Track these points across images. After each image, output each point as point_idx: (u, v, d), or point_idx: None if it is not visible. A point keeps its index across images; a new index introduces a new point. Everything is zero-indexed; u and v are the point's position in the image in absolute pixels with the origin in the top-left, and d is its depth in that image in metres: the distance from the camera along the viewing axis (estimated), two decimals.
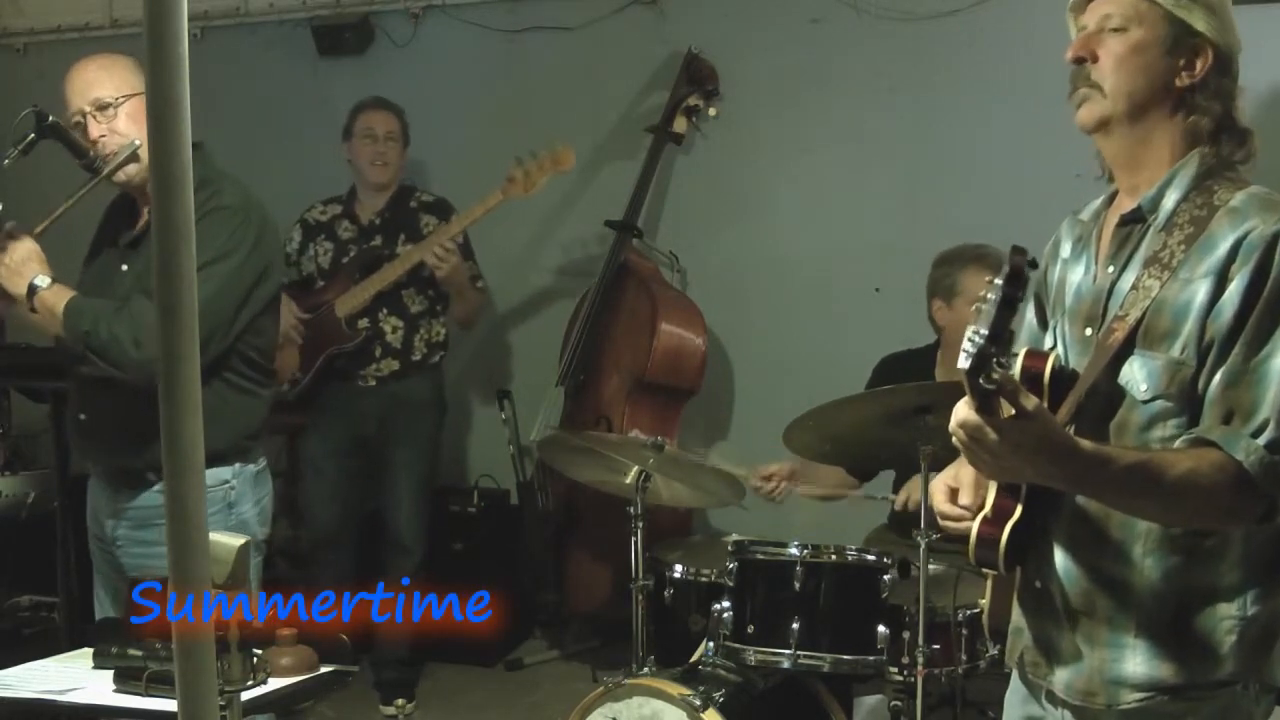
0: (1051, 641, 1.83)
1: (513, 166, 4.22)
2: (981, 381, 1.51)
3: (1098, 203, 1.92)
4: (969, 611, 2.90)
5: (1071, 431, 1.72)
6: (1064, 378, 1.79)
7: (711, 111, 4.66)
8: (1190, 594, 1.72)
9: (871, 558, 2.87)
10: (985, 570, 1.89)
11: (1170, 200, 1.75)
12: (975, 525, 1.80)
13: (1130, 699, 1.74)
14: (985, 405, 1.55)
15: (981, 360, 1.50)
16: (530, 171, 4.22)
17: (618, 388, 4.50)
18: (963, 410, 1.59)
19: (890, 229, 4.47)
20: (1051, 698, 1.84)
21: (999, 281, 1.51)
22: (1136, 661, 1.73)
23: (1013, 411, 1.55)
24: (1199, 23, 1.74)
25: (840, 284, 4.60)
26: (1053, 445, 1.59)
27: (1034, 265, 1.55)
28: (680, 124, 4.65)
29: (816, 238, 4.63)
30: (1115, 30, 1.76)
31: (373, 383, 4.31)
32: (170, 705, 1.28)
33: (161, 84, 0.97)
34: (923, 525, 2.75)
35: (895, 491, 3.58)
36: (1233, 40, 1.78)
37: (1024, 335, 2.08)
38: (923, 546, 2.73)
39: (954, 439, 1.64)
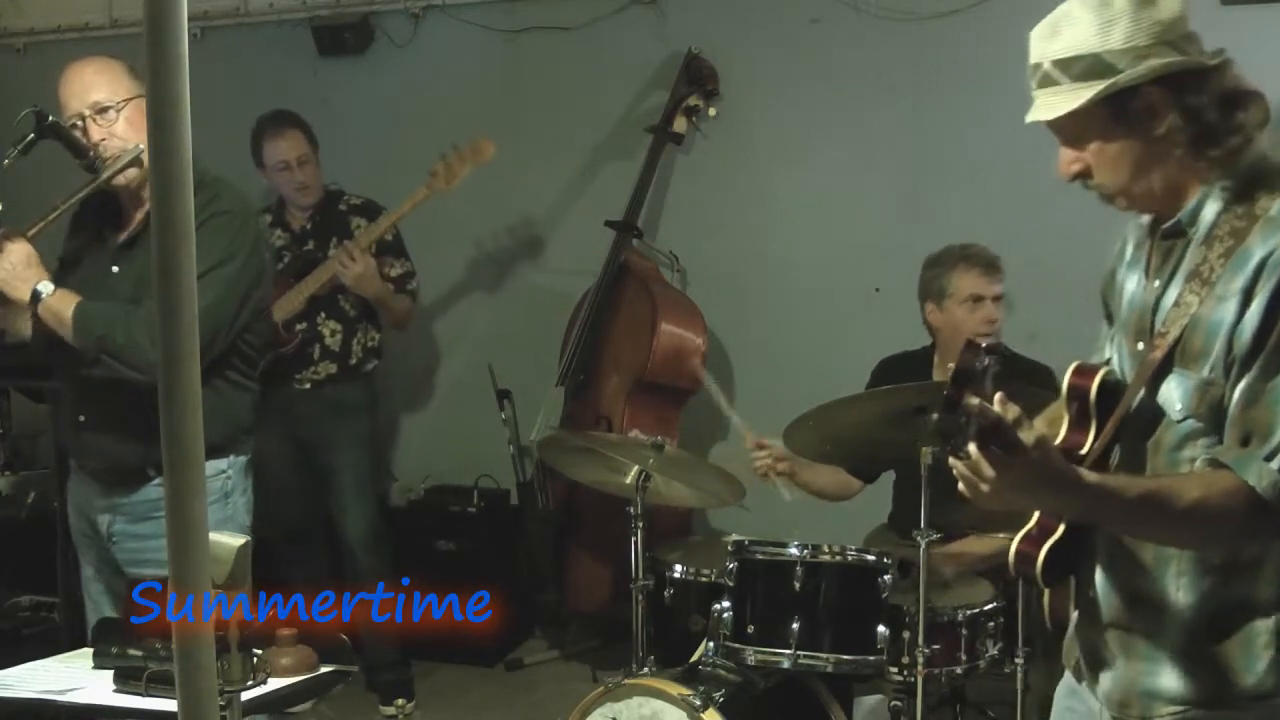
0: (1095, 649, 1.84)
1: (435, 162, 4.25)
2: (949, 445, 1.53)
3: None
4: (969, 611, 2.90)
5: (1116, 451, 1.72)
6: (1113, 393, 1.77)
7: (711, 111, 4.66)
8: (1226, 610, 1.70)
9: (871, 558, 2.87)
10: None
11: (1210, 212, 1.70)
12: (1015, 541, 1.79)
13: (1164, 712, 1.74)
14: (982, 440, 1.53)
15: (946, 427, 1.52)
16: (451, 165, 4.24)
17: (618, 388, 4.50)
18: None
19: (890, 229, 4.47)
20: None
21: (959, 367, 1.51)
22: (1172, 676, 1.73)
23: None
24: (1123, 77, 1.65)
25: (840, 284, 4.59)
26: (1053, 479, 1.58)
27: (992, 352, 1.54)
28: (680, 124, 4.65)
29: (816, 238, 4.63)
30: (1077, 146, 1.74)
31: (308, 386, 4.33)
32: (170, 705, 1.27)
33: (161, 84, 0.97)
34: (923, 525, 2.75)
35: (895, 491, 3.59)
36: (1164, 49, 1.66)
37: (1102, 339, 2.03)
38: (923, 546, 2.74)
39: (954, 471, 1.62)
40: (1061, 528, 1.77)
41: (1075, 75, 1.68)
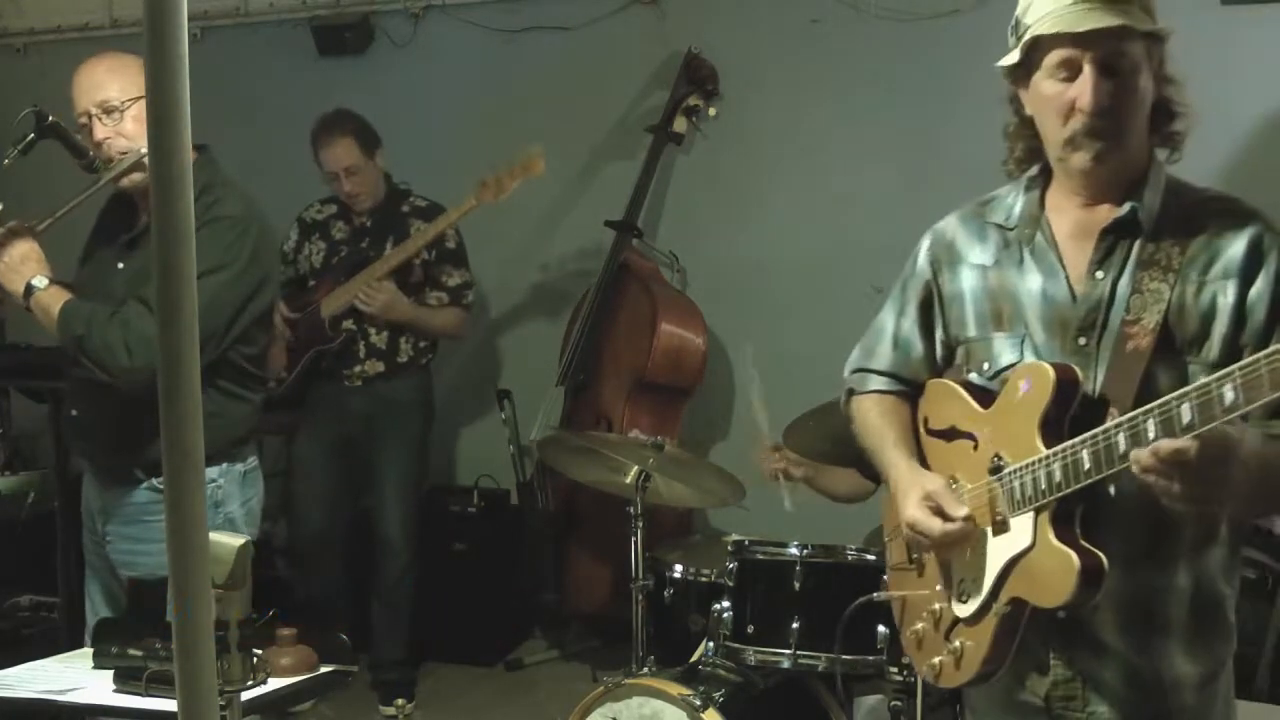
0: (1090, 670, 1.77)
1: (486, 173, 4.24)
2: None
3: (1015, 205, 1.92)
4: None
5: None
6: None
7: (711, 111, 4.66)
8: (1205, 583, 1.74)
9: (871, 558, 2.87)
10: (994, 612, 1.75)
11: (1154, 203, 1.74)
12: (1076, 561, 1.62)
13: (1191, 700, 1.75)
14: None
15: None
16: (501, 178, 4.24)
17: (618, 388, 4.50)
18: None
19: (890, 229, 4.44)
20: None
21: None
22: (1183, 660, 1.75)
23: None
24: (1162, 27, 1.72)
25: (840, 284, 4.59)
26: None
27: None
28: (680, 124, 4.66)
29: (816, 238, 4.63)
30: (1128, 75, 1.70)
31: (359, 383, 4.31)
32: (170, 705, 1.27)
33: (161, 84, 0.97)
34: None
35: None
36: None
37: (886, 345, 2.04)
38: None
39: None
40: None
41: (1140, 6, 1.70)
